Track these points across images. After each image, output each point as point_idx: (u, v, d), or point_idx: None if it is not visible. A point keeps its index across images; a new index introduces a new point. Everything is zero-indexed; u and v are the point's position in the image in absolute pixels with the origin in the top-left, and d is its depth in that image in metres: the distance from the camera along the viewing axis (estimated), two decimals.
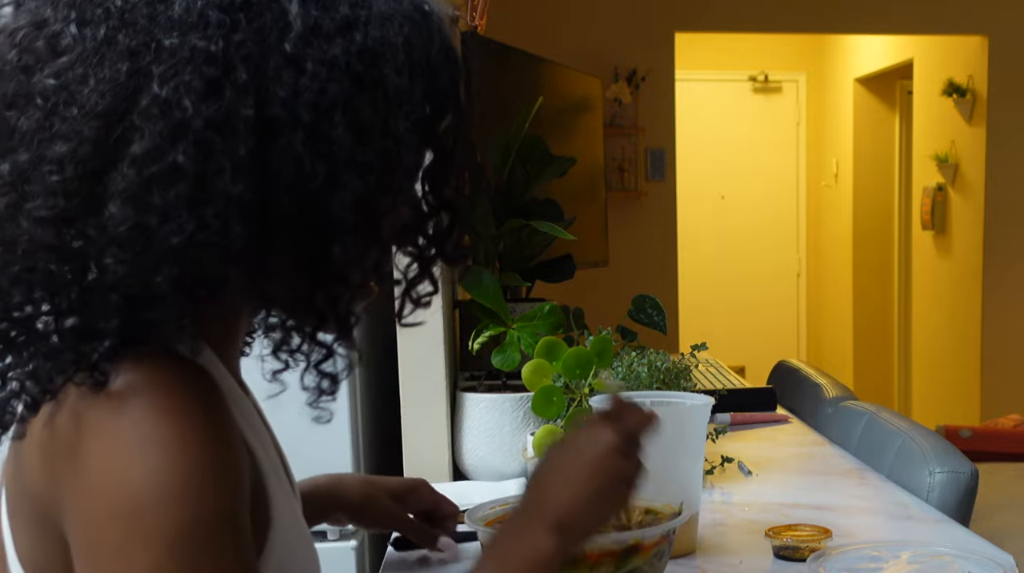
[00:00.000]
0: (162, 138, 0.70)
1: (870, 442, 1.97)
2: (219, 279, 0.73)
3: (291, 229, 0.75)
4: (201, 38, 0.71)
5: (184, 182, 0.70)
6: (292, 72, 0.73)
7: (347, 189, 0.75)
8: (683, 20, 5.38)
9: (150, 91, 0.71)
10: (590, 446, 0.89)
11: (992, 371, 5.43)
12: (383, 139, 0.76)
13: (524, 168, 2.10)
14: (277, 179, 0.73)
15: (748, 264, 7.33)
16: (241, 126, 0.71)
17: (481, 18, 2.49)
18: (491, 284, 1.82)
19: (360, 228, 0.77)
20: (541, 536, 0.85)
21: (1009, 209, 5.36)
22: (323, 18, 0.75)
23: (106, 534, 0.70)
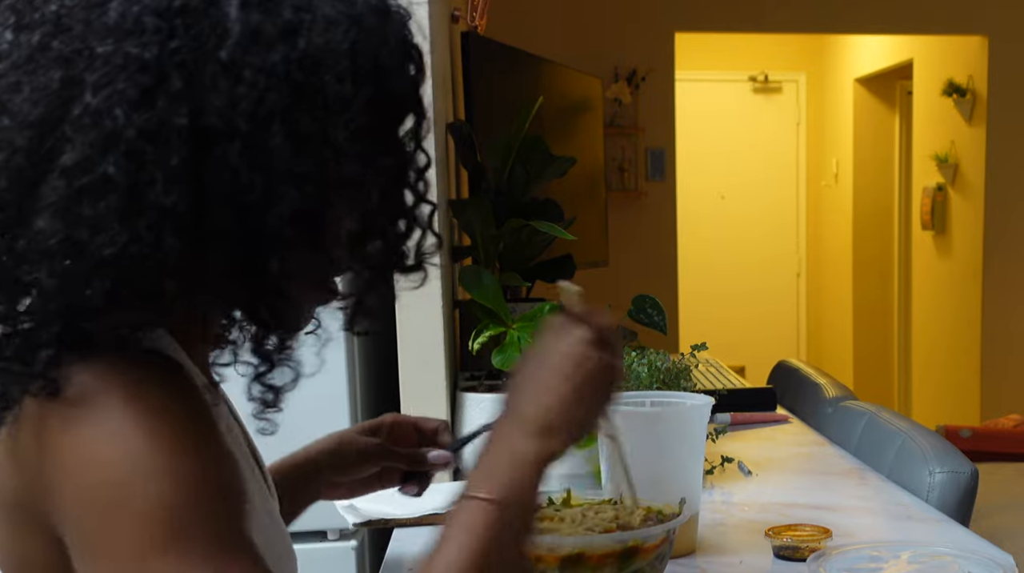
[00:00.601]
0: (92, 148, 0.69)
1: (870, 442, 1.97)
2: (154, 291, 0.72)
3: (227, 240, 0.73)
4: (135, 45, 0.70)
5: (115, 193, 0.69)
6: (229, 80, 0.71)
7: (284, 201, 0.73)
8: (683, 20, 5.38)
9: (83, 100, 0.70)
10: (563, 343, 0.84)
11: (992, 371, 5.43)
12: (323, 149, 0.74)
13: (524, 168, 2.10)
14: (212, 190, 0.71)
15: (748, 264, 7.33)
16: (174, 136, 0.70)
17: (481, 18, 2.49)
18: (491, 284, 1.82)
19: (298, 240, 0.75)
20: (528, 444, 0.81)
21: (1009, 209, 5.36)
22: (263, 24, 0.72)
23: (87, 524, 0.71)
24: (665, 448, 1.30)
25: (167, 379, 0.75)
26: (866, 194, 6.70)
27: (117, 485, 0.70)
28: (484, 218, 1.98)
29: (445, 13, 2.19)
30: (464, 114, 2.36)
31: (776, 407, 2.31)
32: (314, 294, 0.85)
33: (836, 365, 6.75)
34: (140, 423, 0.71)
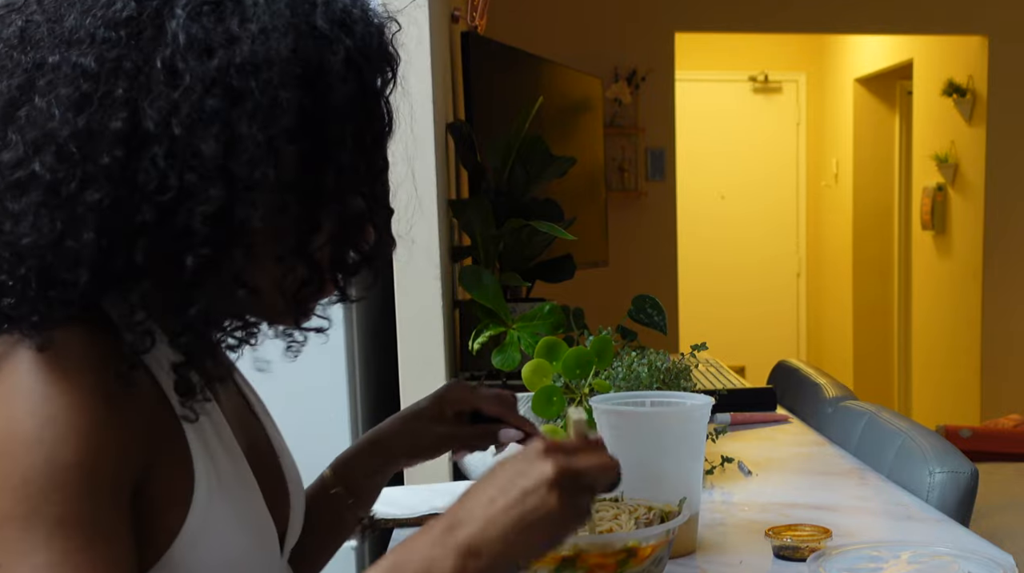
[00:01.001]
0: (27, 147, 0.75)
1: (870, 442, 1.97)
2: (70, 282, 0.76)
3: (150, 237, 0.77)
4: (81, 55, 0.75)
5: (38, 189, 0.75)
6: (167, 86, 0.75)
7: (208, 201, 0.76)
8: (683, 20, 5.38)
9: (30, 104, 0.76)
10: (521, 475, 0.80)
11: (992, 371, 5.43)
12: (255, 153, 0.77)
13: (524, 168, 2.11)
14: (140, 189, 0.76)
15: (748, 264, 7.33)
16: (108, 137, 0.74)
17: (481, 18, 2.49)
18: (491, 284, 1.83)
19: (217, 240, 0.77)
20: (444, 556, 0.78)
21: (1009, 209, 5.36)
22: (204, 33, 0.76)
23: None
24: (665, 448, 1.30)
25: (92, 359, 0.77)
26: (866, 194, 6.70)
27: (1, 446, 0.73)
28: (484, 218, 1.98)
29: (445, 13, 2.19)
30: (464, 114, 2.36)
31: (776, 407, 2.31)
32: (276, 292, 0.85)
33: (836, 365, 6.75)
34: (38, 395, 0.75)
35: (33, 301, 0.76)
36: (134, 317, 0.80)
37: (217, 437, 0.88)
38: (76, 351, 0.77)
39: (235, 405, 0.99)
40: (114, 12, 0.76)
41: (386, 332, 1.85)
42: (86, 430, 0.75)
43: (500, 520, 0.79)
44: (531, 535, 0.80)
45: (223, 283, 0.80)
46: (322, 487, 1.13)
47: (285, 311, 0.88)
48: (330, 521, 1.12)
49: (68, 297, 0.76)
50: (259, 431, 1.02)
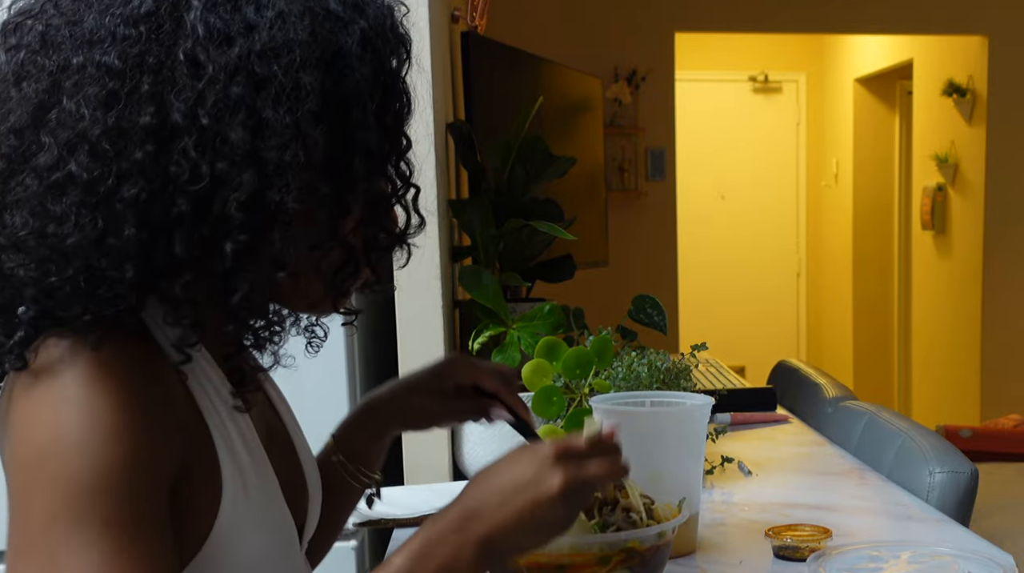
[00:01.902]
0: (61, 148, 0.76)
1: (870, 442, 1.97)
2: (117, 278, 0.77)
3: (188, 228, 0.78)
4: (103, 53, 0.77)
5: (77, 189, 0.76)
6: (192, 78, 0.77)
7: (241, 188, 0.78)
8: (683, 20, 5.38)
9: (60, 106, 0.77)
10: (534, 485, 0.85)
11: (992, 371, 5.43)
12: (283, 136, 0.78)
13: (524, 168, 2.11)
14: (174, 181, 0.77)
15: (748, 264, 7.33)
16: (138, 133, 0.76)
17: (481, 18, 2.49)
18: (491, 284, 1.83)
19: (254, 226, 0.79)
20: (468, 547, 0.83)
21: (1009, 209, 5.36)
22: (223, 23, 0.78)
23: (15, 481, 0.76)
24: (665, 448, 1.30)
25: (134, 362, 0.79)
26: (866, 194, 6.70)
27: (43, 448, 0.75)
28: (484, 218, 1.98)
29: (445, 13, 2.19)
30: (464, 114, 2.36)
31: (776, 407, 2.31)
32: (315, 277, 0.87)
33: (836, 365, 6.75)
34: (84, 397, 0.76)
35: (84, 300, 0.77)
36: (179, 311, 0.81)
37: (242, 440, 0.90)
38: (118, 357, 0.78)
39: (256, 400, 1.00)
40: (132, 9, 0.78)
41: (386, 332, 1.85)
42: (129, 431, 0.76)
43: (511, 523, 0.84)
44: (536, 536, 0.86)
45: (263, 269, 0.81)
46: (325, 455, 1.15)
47: (324, 296, 0.90)
48: (336, 488, 1.14)
49: (117, 293, 0.78)
50: (278, 424, 1.04)
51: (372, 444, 1.16)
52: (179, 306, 0.80)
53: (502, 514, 0.84)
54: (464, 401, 1.13)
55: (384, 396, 1.16)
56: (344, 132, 0.83)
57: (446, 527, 0.84)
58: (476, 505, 0.85)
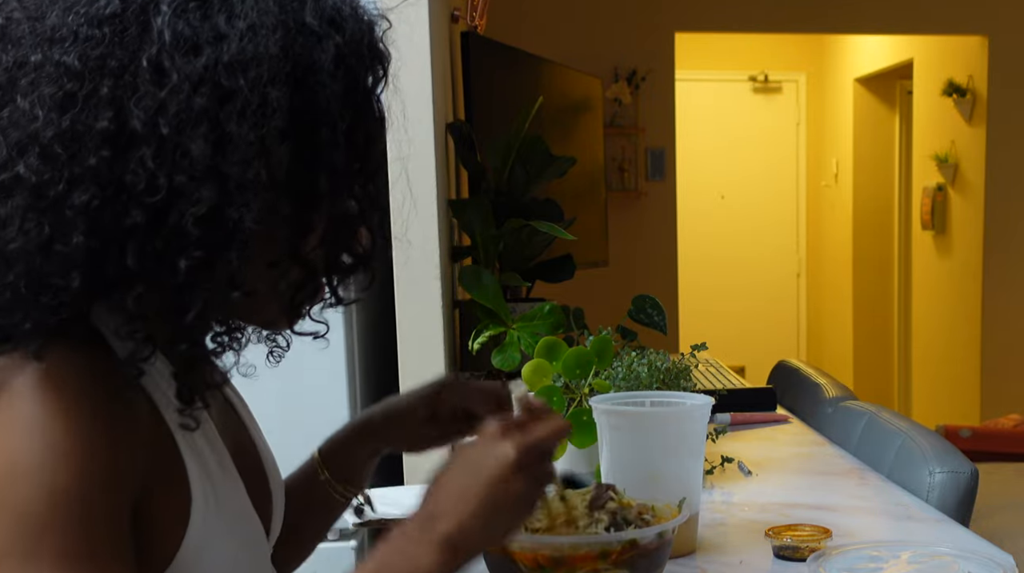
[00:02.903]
0: (10, 149, 0.72)
1: (870, 442, 1.97)
2: (61, 287, 0.73)
3: (141, 239, 0.74)
4: (64, 53, 0.73)
5: (24, 192, 0.72)
6: (155, 85, 0.73)
7: (199, 203, 0.74)
8: (683, 20, 5.38)
9: (13, 104, 0.73)
10: (486, 461, 0.83)
11: (992, 371, 5.43)
12: (246, 152, 0.75)
13: (524, 168, 2.11)
14: (129, 190, 0.73)
15: (748, 264, 7.33)
16: (94, 138, 0.72)
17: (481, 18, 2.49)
18: (491, 284, 1.83)
19: (210, 242, 0.75)
20: (427, 552, 0.80)
21: (1009, 209, 5.36)
22: (191, 30, 0.74)
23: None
24: (665, 448, 1.30)
25: (90, 375, 0.76)
26: (866, 194, 6.70)
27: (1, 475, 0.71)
28: (484, 218, 1.98)
29: (445, 13, 2.19)
30: (464, 114, 2.36)
31: (776, 407, 2.31)
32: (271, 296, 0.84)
33: (836, 365, 6.75)
34: (36, 418, 0.72)
35: (25, 308, 0.74)
36: (131, 325, 0.77)
37: (210, 448, 0.88)
38: (73, 373, 0.75)
39: (219, 408, 0.98)
40: (97, 9, 0.74)
41: (386, 332, 1.85)
42: (84, 455, 0.73)
43: (474, 511, 0.82)
44: (505, 516, 0.84)
45: (218, 286, 0.78)
46: (311, 471, 1.12)
47: (280, 315, 0.87)
48: (320, 504, 1.12)
49: (60, 301, 0.74)
50: (242, 431, 1.01)
51: (361, 464, 1.14)
52: (131, 319, 0.77)
53: (462, 507, 0.82)
54: (457, 424, 1.12)
55: (376, 419, 1.13)
56: (311, 150, 0.79)
57: (402, 538, 0.82)
58: (433, 506, 0.83)
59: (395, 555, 0.81)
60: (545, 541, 1.06)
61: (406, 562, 0.80)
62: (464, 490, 0.82)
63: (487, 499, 0.82)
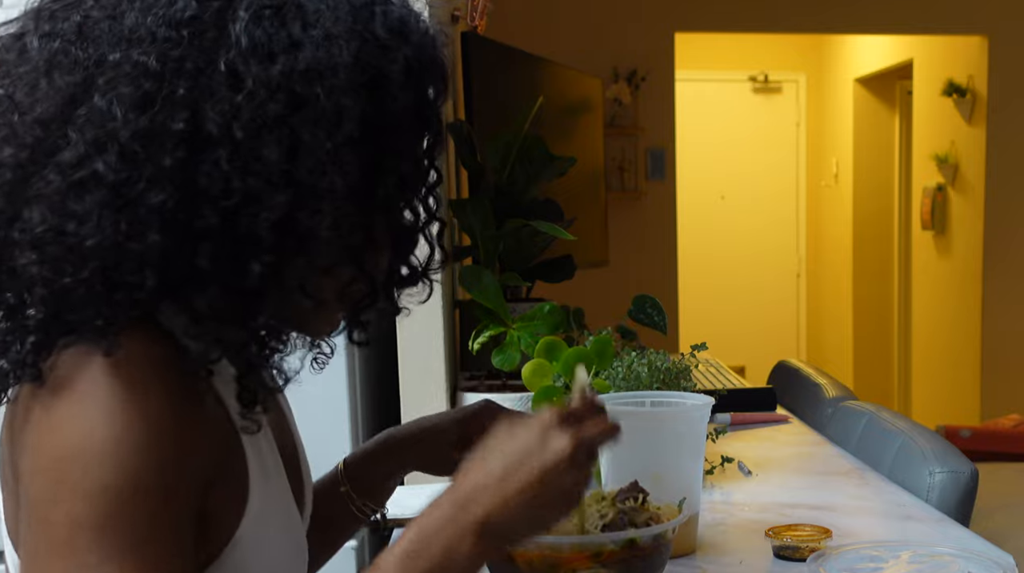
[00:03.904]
0: (88, 146, 0.74)
1: (870, 442, 1.97)
2: (135, 285, 0.75)
3: (214, 241, 0.75)
4: (143, 53, 0.74)
5: (103, 189, 0.73)
6: (230, 89, 0.75)
7: (272, 208, 0.75)
8: (683, 20, 5.38)
9: (90, 103, 0.74)
10: (540, 452, 0.81)
11: (992, 371, 5.43)
12: (318, 159, 0.76)
13: (524, 168, 2.10)
14: (204, 192, 0.75)
15: (748, 264, 7.33)
16: (170, 139, 0.74)
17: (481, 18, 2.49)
18: (491, 284, 1.82)
19: (282, 247, 0.77)
20: (465, 537, 0.79)
21: (1009, 209, 5.36)
22: (267, 37, 0.76)
23: (35, 487, 0.74)
24: (665, 448, 1.30)
25: (164, 370, 0.77)
26: (866, 194, 6.70)
27: (68, 456, 0.73)
28: (484, 218, 1.98)
29: (445, 13, 2.19)
30: (464, 114, 2.36)
31: (776, 407, 2.31)
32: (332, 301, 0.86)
33: (836, 365, 6.75)
34: (111, 402, 0.73)
35: (97, 304, 0.74)
36: (202, 327, 0.78)
37: (268, 447, 0.89)
38: (147, 361, 0.76)
39: (274, 409, 1.00)
40: (175, 11, 0.75)
41: (386, 332, 1.85)
42: (157, 441, 0.74)
43: (516, 498, 0.79)
44: (549, 509, 0.81)
45: (288, 292, 0.79)
46: (332, 483, 1.13)
47: (335, 324, 0.88)
48: (338, 515, 1.13)
49: (134, 299, 0.75)
50: (288, 432, 1.04)
51: (386, 481, 1.14)
52: (201, 321, 0.78)
53: (504, 491, 0.79)
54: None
55: (406, 437, 1.13)
56: (380, 160, 0.80)
57: (441, 516, 0.80)
58: (472, 487, 0.80)
59: (430, 537, 0.79)
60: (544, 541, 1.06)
61: (442, 546, 0.78)
62: (509, 474, 0.80)
63: (535, 489, 0.80)
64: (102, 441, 0.73)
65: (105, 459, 0.72)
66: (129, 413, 0.74)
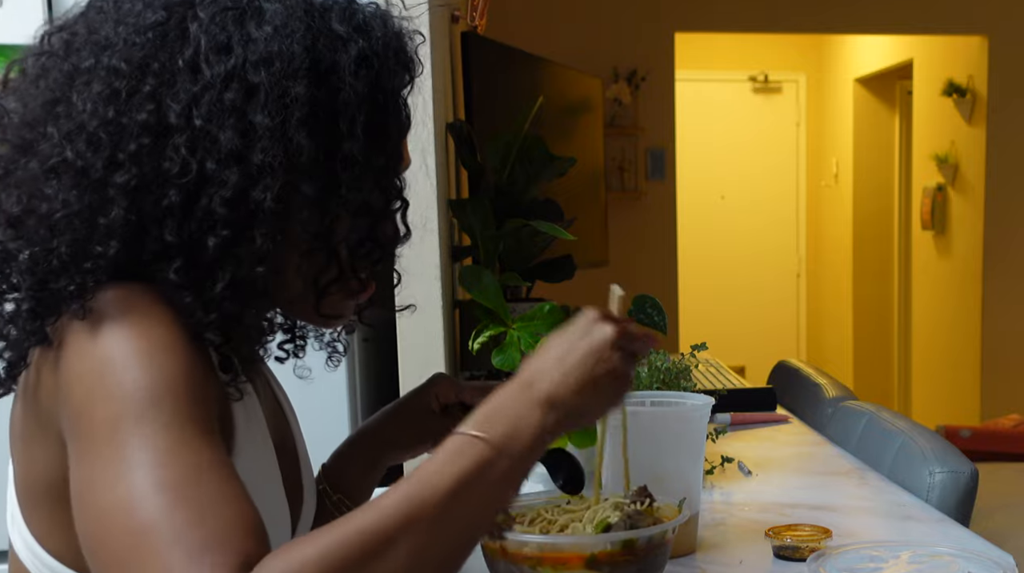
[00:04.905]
0: (61, 137, 0.84)
1: (870, 442, 1.97)
2: (101, 254, 0.83)
3: (176, 218, 0.84)
4: (113, 57, 0.84)
5: (70, 172, 0.83)
6: (189, 83, 0.84)
7: (225, 186, 0.83)
8: (683, 20, 5.38)
9: (68, 101, 0.85)
10: (587, 335, 0.89)
11: (992, 371, 5.43)
12: (268, 140, 0.84)
13: (524, 168, 2.10)
14: (165, 173, 0.83)
15: (748, 264, 7.33)
16: (135, 127, 0.83)
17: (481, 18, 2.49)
18: (491, 284, 1.82)
19: (237, 223, 0.84)
20: (530, 410, 0.84)
21: (1009, 209, 5.36)
22: (225, 35, 0.84)
23: (75, 395, 0.80)
24: (665, 448, 1.30)
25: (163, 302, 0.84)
26: (866, 194, 6.70)
27: (102, 366, 0.79)
28: (484, 218, 1.98)
29: (445, 13, 2.19)
30: (464, 114, 2.36)
31: (776, 407, 2.31)
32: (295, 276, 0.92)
33: (836, 365, 6.75)
34: (127, 318, 0.81)
35: (68, 271, 0.82)
36: (178, 294, 0.85)
37: (256, 419, 0.95)
38: (154, 299, 0.83)
39: (270, 403, 1.05)
40: (143, 19, 0.85)
41: (386, 332, 1.85)
42: (188, 354, 0.81)
43: (572, 374, 0.87)
44: (597, 391, 0.88)
45: (243, 262, 0.85)
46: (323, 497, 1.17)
47: (304, 295, 0.93)
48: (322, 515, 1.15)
49: (100, 266, 0.83)
50: (285, 429, 1.08)
51: (363, 478, 1.18)
52: (177, 289, 0.85)
53: (563, 368, 0.86)
54: (451, 419, 1.14)
55: (371, 427, 1.19)
56: (331, 141, 0.87)
57: (506, 394, 0.85)
58: (534, 370, 0.87)
59: (496, 413, 0.83)
60: (545, 541, 1.06)
61: (509, 417, 0.83)
62: (562, 357, 0.87)
63: (585, 368, 0.87)
64: (136, 349, 0.79)
65: (139, 359, 0.79)
66: (159, 331, 0.81)
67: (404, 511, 0.75)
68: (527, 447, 0.83)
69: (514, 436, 0.82)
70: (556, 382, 0.86)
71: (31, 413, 0.88)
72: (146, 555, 0.71)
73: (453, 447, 0.80)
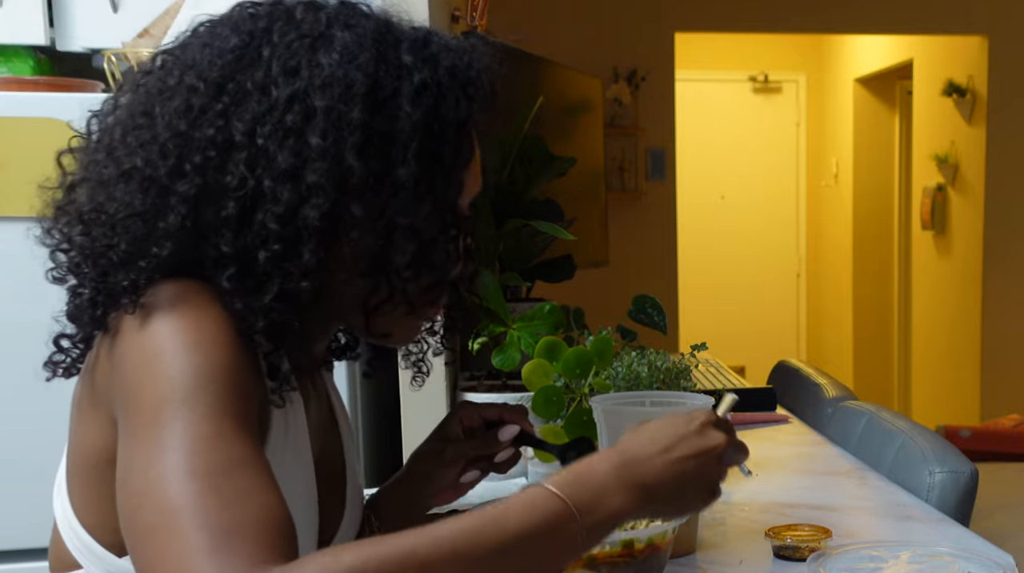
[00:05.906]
0: (137, 145, 0.89)
1: (870, 442, 1.97)
2: (155, 254, 0.87)
3: (232, 229, 0.88)
4: (192, 76, 0.90)
5: (137, 178, 0.88)
6: (257, 103, 0.88)
7: (279, 202, 0.87)
8: (683, 20, 5.38)
9: (150, 115, 0.90)
10: (699, 436, 0.90)
11: (992, 371, 5.43)
12: (322, 162, 0.87)
13: (524, 168, 2.10)
14: (225, 187, 0.87)
15: (748, 264, 7.33)
16: (202, 141, 0.87)
17: (481, 18, 2.49)
18: (491, 284, 1.82)
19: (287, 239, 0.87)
20: (622, 494, 0.85)
21: (1009, 209, 5.36)
22: (294, 61, 0.88)
23: (129, 381, 0.83)
24: None
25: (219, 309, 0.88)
26: (866, 194, 6.70)
27: (152, 354, 0.83)
28: (484, 218, 1.98)
29: (445, 13, 2.19)
30: None
31: (776, 407, 2.31)
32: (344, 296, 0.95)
33: (836, 365, 6.76)
34: (177, 310, 0.85)
35: (125, 267, 0.87)
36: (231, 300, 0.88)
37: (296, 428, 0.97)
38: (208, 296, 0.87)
39: (319, 410, 1.07)
40: (224, 42, 0.90)
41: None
42: (235, 348, 0.84)
43: (671, 470, 0.88)
44: (686, 494, 0.90)
45: (291, 277, 0.88)
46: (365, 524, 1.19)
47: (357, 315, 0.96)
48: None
49: (153, 265, 0.87)
50: (334, 440, 1.10)
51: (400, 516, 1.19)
52: (229, 295, 0.88)
53: (665, 461, 0.88)
54: (476, 441, 1.19)
55: (407, 465, 1.22)
56: (382, 165, 0.89)
57: (602, 463, 0.86)
58: (637, 450, 0.88)
59: (584, 478, 0.84)
60: None
61: (595, 488, 0.84)
62: (668, 449, 0.88)
63: (685, 467, 0.88)
64: (184, 340, 0.83)
65: (187, 349, 0.82)
66: (208, 324, 0.84)
67: (457, 544, 0.76)
68: (601, 522, 0.84)
69: (593, 508, 0.83)
70: (655, 472, 0.87)
71: (88, 389, 0.92)
72: (171, 535, 0.74)
73: (528, 497, 0.81)
